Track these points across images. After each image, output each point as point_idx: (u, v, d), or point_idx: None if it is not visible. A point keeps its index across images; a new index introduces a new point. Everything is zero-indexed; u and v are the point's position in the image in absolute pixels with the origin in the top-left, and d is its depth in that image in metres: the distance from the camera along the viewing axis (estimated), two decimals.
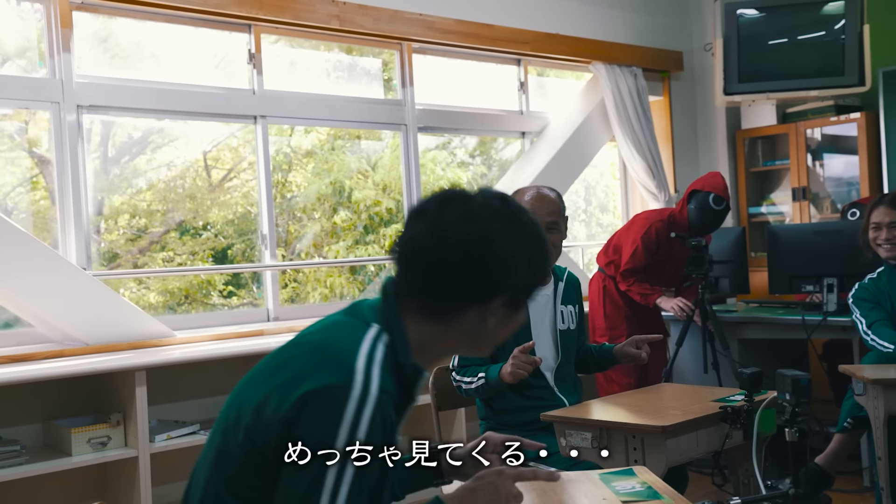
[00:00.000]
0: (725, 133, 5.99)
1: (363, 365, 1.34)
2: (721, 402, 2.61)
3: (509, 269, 1.40)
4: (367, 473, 1.32)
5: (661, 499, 1.77)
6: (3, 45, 3.89)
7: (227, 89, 4.28)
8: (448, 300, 1.42)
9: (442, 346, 1.48)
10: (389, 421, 1.35)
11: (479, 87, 5.34)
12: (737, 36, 5.37)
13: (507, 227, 1.40)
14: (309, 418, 1.31)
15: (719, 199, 4.30)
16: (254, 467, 1.37)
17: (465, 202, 1.42)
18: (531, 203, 2.90)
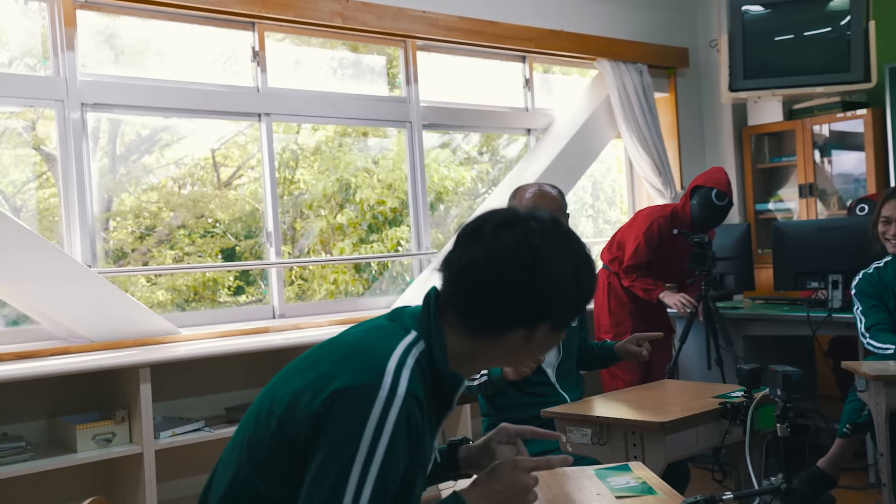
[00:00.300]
0: (732, 130, 5.98)
1: (394, 367, 1.37)
2: (721, 399, 2.61)
3: (561, 294, 1.42)
4: (391, 475, 1.34)
5: (654, 494, 1.78)
6: (8, 43, 3.92)
7: (232, 87, 4.30)
8: (496, 322, 1.44)
9: (481, 360, 1.51)
10: (415, 424, 1.37)
11: (484, 84, 5.34)
12: (742, 32, 5.36)
13: (560, 252, 1.42)
14: (337, 415, 1.34)
15: (722, 195, 4.29)
16: (284, 456, 1.40)
17: (520, 226, 1.42)
18: (533, 200, 2.91)
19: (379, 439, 1.32)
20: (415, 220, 4.92)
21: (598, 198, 6.23)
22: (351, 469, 1.31)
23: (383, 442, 1.32)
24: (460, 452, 1.72)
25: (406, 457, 1.37)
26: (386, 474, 1.33)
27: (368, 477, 1.32)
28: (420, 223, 4.91)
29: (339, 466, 1.32)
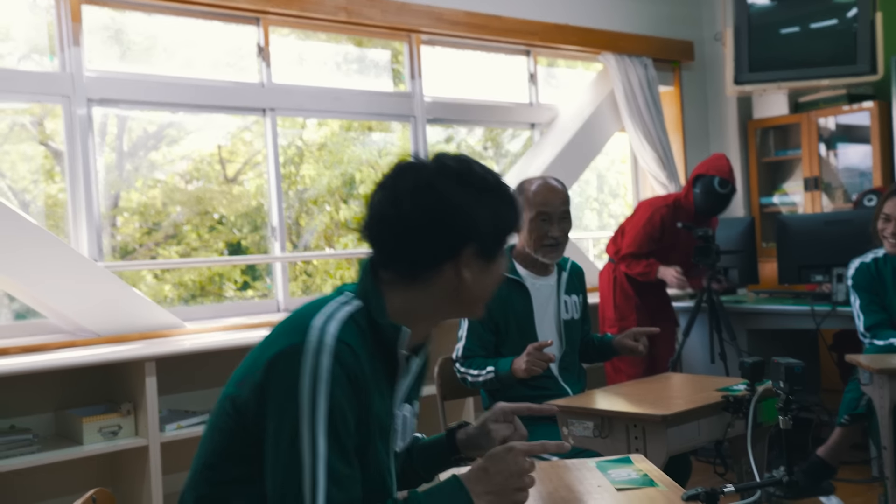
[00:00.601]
0: (737, 123, 5.97)
1: (320, 322, 1.40)
2: (723, 392, 2.62)
3: (470, 220, 1.45)
4: (341, 425, 1.35)
5: (655, 486, 1.79)
6: (15, 39, 3.93)
7: (236, 83, 4.31)
8: (420, 263, 1.47)
9: (428, 309, 1.52)
10: (352, 372, 1.38)
11: (488, 78, 5.35)
12: (747, 25, 5.35)
13: (461, 184, 1.46)
14: (275, 381, 1.37)
15: (724, 183, 4.28)
16: (244, 439, 1.42)
17: (418, 169, 1.48)
18: (543, 194, 2.90)
19: (317, 390, 1.34)
20: None
21: (602, 190, 6.23)
22: (300, 427, 1.34)
23: (322, 391, 1.34)
24: (458, 436, 1.73)
25: (352, 406, 1.38)
26: (335, 424, 1.35)
27: (318, 430, 1.34)
28: None
29: (288, 428, 1.34)
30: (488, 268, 1.51)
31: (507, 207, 1.52)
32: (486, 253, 1.49)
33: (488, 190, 1.49)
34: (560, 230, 2.89)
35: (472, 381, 2.83)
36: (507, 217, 1.52)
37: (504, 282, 2.87)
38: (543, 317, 2.93)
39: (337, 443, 1.35)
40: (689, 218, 4.37)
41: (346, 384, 1.37)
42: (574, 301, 3.02)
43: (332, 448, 1.34)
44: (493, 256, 1.51)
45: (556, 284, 2.99)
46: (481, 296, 1.54)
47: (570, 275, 3.04)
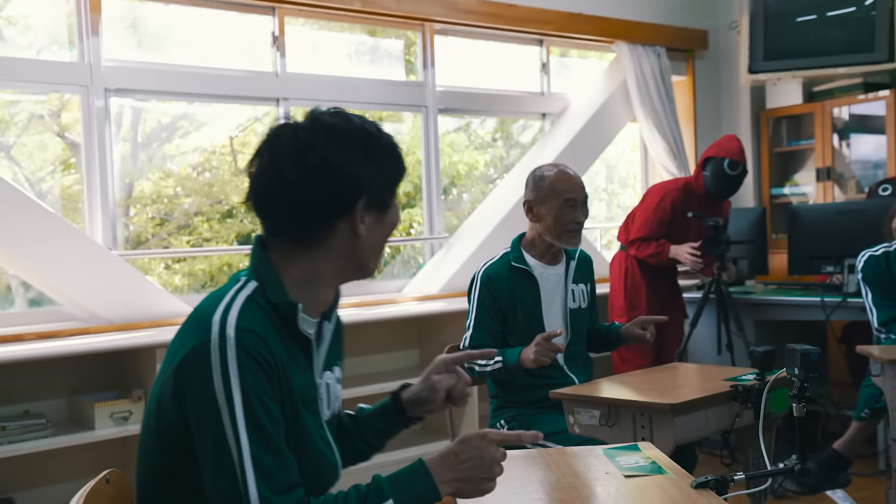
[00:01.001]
0: (749, 113, 5.94)
1: (219, 316, 1.36)
2: (732, 381, 2.62)
3: (357, 174, 1.43)
4: (262, 414, 1.34)
5: (664, 473, 1.80)
6: (35, 29, 3.96)
7: (251, 72, 4.33)
8: (313, 226, 1.44)
9: (329, 272, 1.48)
10: (262, 357, 1.36)
11: (501, 68, 5.34)
12: (763, 13, 5.32)
13: (341, 139, 1.43)
14: (188, 387, 1.35)
15: (735, 164, 4.24)
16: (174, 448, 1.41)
17: (294, 131, 1.45)
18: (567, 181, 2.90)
19: (230, 386, 1.32)
20: (427, 205, 4.94)
21: (611, 181, 6.22)
22: (221, 427, 1.32)
23: (235, 385, 1.32)
24: (404, 396, 1.71)
25: (270, 393, 1.36)
26: (255, 416, 1.33)
27: (238, 426, 1.32)
28: (433, 207, 4.93)
29: (210, 431, 1.33)
30: (382, 218, 1.49)
31: (392, 156, 1.50)
32: (378, 204, 1.47)
33: (370, 141, 1.46)
34: (584, 215, 2.91)
35: (479, 370, 2.82)
36: (393, 165, 1.49)
37: (512, 271, 2.89)
38: (550, 306, 2.93)
39: (260, 435, 1.33)
40: (700, 201, 4.33)
41: (259, 372, 1.35)
42: (582, 290, 3.02)
43: (254, 441, 1.33)
44: (385, 206, 1.49)
45: (565, 273, 2.98)
46: (378, 249, 1.51)
47: (579, 263, 3.03)
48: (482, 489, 1.45)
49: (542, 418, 2.82)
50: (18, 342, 3.45)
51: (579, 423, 2.64)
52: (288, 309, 1.43)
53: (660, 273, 4.45)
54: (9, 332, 3.51)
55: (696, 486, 1.65)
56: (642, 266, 4.44)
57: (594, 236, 5.87)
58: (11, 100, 3.94)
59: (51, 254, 3.56)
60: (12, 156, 4.08)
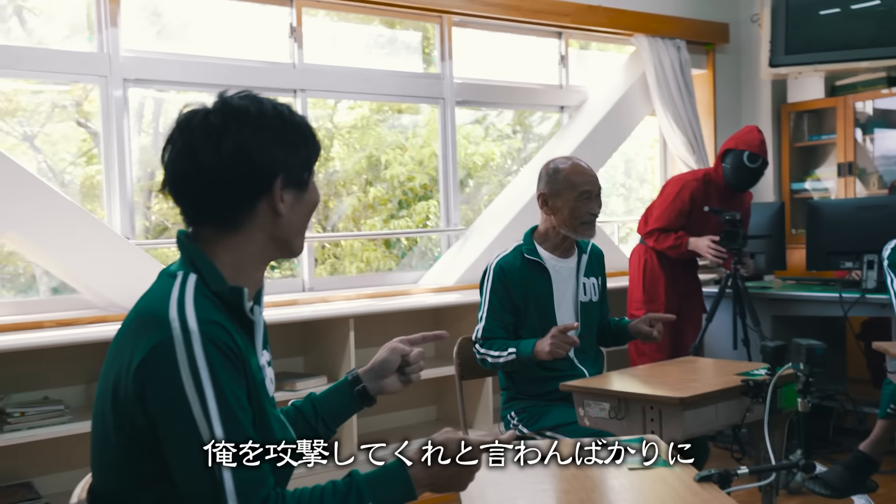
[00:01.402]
0: (770, 107, 5.89)
1: (175, 311, 1.36)
2: (743, 376, 2.61)
3: (272, 154, 1.44)
4: (233, 403, 1.34)
5: (667, 467, 1.80)
6: (56, 20, 4.01)
7: (268, 63, 4.35)
8: (234, 209, 1.45)
9: (255, 254, 1.48)
10: (227, 347, 1.36)
11: (519, 60, 5.33)
12: (784, 6, 5.27)
13: (253, 120, 1.44)
14: (152, 385, 1.33)
15: (755, 157, 4.19)
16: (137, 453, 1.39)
17: (205, 116, 1.45)
18: (582, 173, 2.90)
19: (200, 379, 1.32)
20: (444, 197, 4.95)
21: (629, 175, 6.20)
22: (195, 422, 1.32)
23: (205, 378, 1.32)
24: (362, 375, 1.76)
25: (237, 381, 1.37)
26: (227, 406, 1.33)
27: (212, 418, 1.32)
28: (450, 199, 4.94)
29: (184, 428, 1.32)
30: (301, 196, 1.50)
31: (305, 135, 1.51)
32: (297, 182, 1.48)
33: (283, 122, 1.47)
34: (599, 206, 2.93)
35: (492, 362, 2.84)
36: (307, 144, 1.51)
37: (525, 263, 2.90)
38: (562, 299, 2.93)
39: (234, 424, 1.33)
40: (720, 193, 4.30)
41: (226, 363, 1.35)
42: (593, 283, 3.02)
43: (229, 431, 1.33)
44: (304, 184, 1.50)
45: (576, 266, 2.99)
46: (300, 228, 1.52)
47: (591, 257, 3.03)
48: (460, 485, 1.47)
49: (552, 410, 2.83)
50: (38, 329, 3.51)
51: (589, 416, 2.65)
52: (232, 296, 1.44)
53: (679, 266, 4.43)
54: (29, 320, 3.56)
55: (699, 480, 1.65)
56: (661, 259, 4.41)
57: (611, 230, 5.85)
58: (35, 89, 3.99)
59: (70, 242, 3.61)
60: (36, 145, 4.14)
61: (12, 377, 3.48)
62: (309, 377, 3.93)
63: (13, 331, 3.47)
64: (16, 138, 4.07)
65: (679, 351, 4.32)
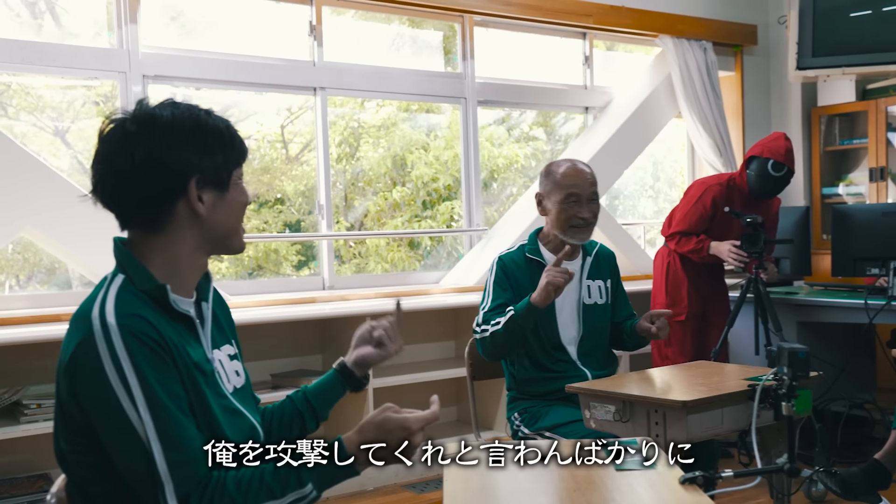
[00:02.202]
0: (800, 110, 5.79)
1: (97, 310, 1.41)
2: (751, 381, 2.56)
3: (183, 156, 1.49)
4: (161, 392, 1.39)
5: (653, 469, 1.77)
6: (77, 16, 4.07)
7: (288, 60, 4.37)
8: (152, 210, 1.50)
9: (185, 253, 1.53)
10: (149, 339, 1.41)
11: (544, 61, 5.30)
12: (812, 8, 5.17)
13: (164, 125, 1.49)
14: (80, 382, 1.40)
15: (779, 166, 4.12)
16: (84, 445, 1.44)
17: (121, 124, 1.50)
18: (572, 175, 2.86)
19: (123, 372, 1.37)
20: (466, 197, 4.93)
21: (658, 178, 6.13)
22: (124, 413, 1.37)
23: (128, 370, 1.37)
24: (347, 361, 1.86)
25: (163, 369, 1.41)
26: (153, 393, 1.38)
27: (139, 406, 1.37)
28: (472, 200, 4.92)
29: (115, 419, 1.37)
30: (223, 197, 1.54)
31: (222, 137, 1.54)
32: (213, 183, 1.53)
33: (198, 125, 1.51)
34: (589, 211, 2.86)
35: (492, 331, 2.75)
36: (224, 146, 1.54)
37: (526, 262, 2.88)
38: (565, 300, 2.88)
39: (162, 410, 1.38)
40: (744, 198, 4.24)
41: (148, 352, 1.40)
42: (599, 286, 2.97)
43: (157, 417, 1.37)
44: (223, 185, 1.54)
45: (580, 269, 2.95)
46: (231, 224, 1.57)
47: (596, 258, 2.99)
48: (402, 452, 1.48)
49: (552, 411, 2.80)
50: (55, 322, 3.55)
51: (595, 418, 2.61)
52: (158, 292, 1.49)
53: (703, 270, 4.36)
54: (45, 313, 3.61)
55: (682, 482, 1.62)
56: (685, 262, 4.35)
57: (637, 233, 5.79)
58: (65, 85, 4.05)
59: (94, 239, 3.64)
60: (67, 140, 4.20)
61: (30, 370, 3.53)
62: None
63: (31, 323, 3.52)
64: (48, 133, 4.15)
65: (702, 356, 4.26)
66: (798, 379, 1.92)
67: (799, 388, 2.42)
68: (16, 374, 3.51)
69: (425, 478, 4.05)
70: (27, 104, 4.09)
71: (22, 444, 3.41)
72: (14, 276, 4.13)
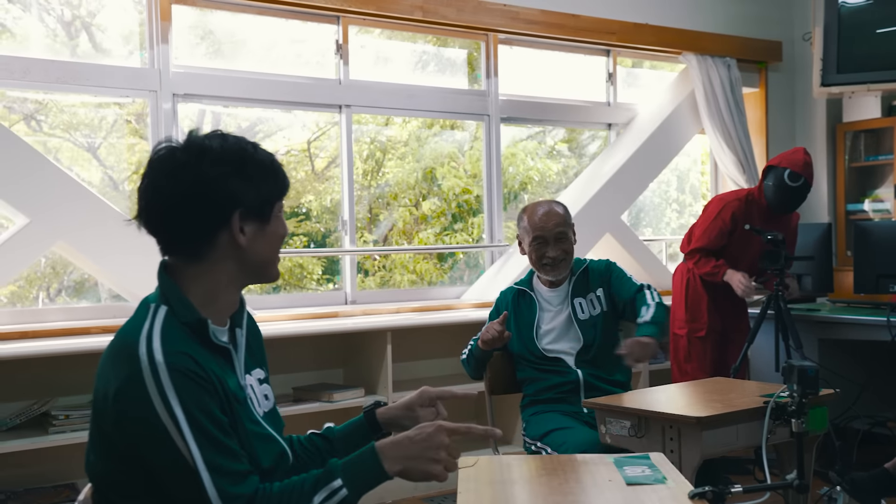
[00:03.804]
0: (825, 126, 5.78)
1: (144, 346, 1.46)
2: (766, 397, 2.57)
3: (229, 188, 1.53)
4: (206, 423, 1.45)
5: (664, 483, 1.79)
6: (110, 36, 4.18)
7: (314, 79, 4.45)
8: (194, 239, 1.54)
9: (223, 282, 1.58)
10: (194, 373, 1.46)
11: (567, 78, 5.34)
12: (837, 25, 5.17)
13: (213, 157, 1.53)
14: (129, 418, 1.46)
15: (795, 176, 4.11)
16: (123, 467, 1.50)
17: (172, 152, 1.55)
18: (537, 219, 3.15)
19: (170, 406, 1.43)
20: (488, 213, 4.98)
21: (683, 191, 6.14)
22: (174, 443, 1.43)
23: (175, 405, 1.43)
24: (379, 415, 1.81)
25: (206, 401, 1.46)
26: (200, 424, 1.44)
27: (187, 438, 1.43)
28: (494, 216, 4.96)
29: (166, 450, 1.44)
30: (263, 229, 1.58)
31: (267, 171, 1.59)
32: (256, 215, 1.57)
33: (245, 158, 1.56)
34: (557, 249, 3.12)
35: (464, 359, 3.24)
36: (268, 179, 1.59)
37: (516, 294, 3.22)
38: (552, 322, 3.15)
39: (208, 440, 1.45)
40: (763, 214, 4.23)
41: (194, 387, 1.46)
42: (591, 299, 3.17)
43: (204, 447, 1.44)
44: (265, 217, 1.59)
45: (567, 290, 3.18)
46: (267, 257, 1.61)
47: (581, 277, 3.20)
48: (429, 471, 1.52)
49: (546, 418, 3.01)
50: (85, 335, 3.64)
51: (610, 434, 2.65)
52: (199, 325, 1.54)
53: (722, 286, 4.36)
54: (76, 326, 3.70)
55: (692, 497, 1.64)
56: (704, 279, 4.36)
57: (659, 248, 5.80)
58: (98, 102, 4.15)
59: (120, 253, 3.73)
60: (99, 156, 4.31)
61: (60, 381, 3.62)
62: (346, 388, 3.99)
63: (61, 336, 3.60)
64: (80, 149, 4.25)
65: (721, 372, 4.25)
66: (807, 396, 1.94)
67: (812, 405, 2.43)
68: (46, 386, 3.59)
69: (443, 491, 4.09)
70: (60, 121, 4.20)
71: (49, 455, 3.48)
72: (45, 290, 4.23)
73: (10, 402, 3.48)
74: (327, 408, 3.82)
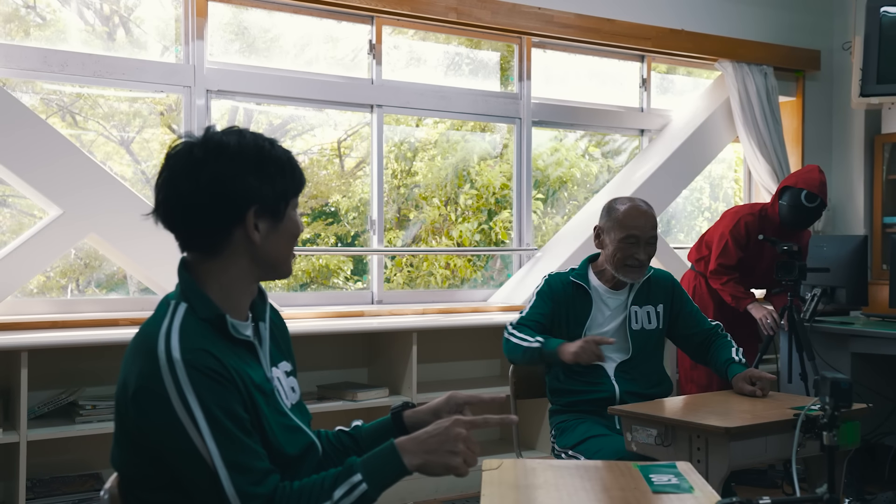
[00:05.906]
0: (863, 137, 5.69)
1: (163, 344, 1.46)
2: (797, 410, 2.52)
3: (244, 185, 1.53)
4: (224, 418, 1.45)
5: (691, 493, 1.76)
6: (147, 31, 4.21)
7: (347, 78, 4.46)
8: (209, 235, 1.55)
9: (239, 277, 1.58)
10: (211, 370, 1.46)
11: (599, 82, 5.31)
12: (878, 34, 5.09)
13: (230, 153, 1.54)
14: (148, 415, 1.46)
15: (812, 196, 4.10)
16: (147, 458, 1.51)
17: (189, 148, 1.55)
18: (634, 216, 2.91)
19: (188, 403, 1.43)
20: (517, 216, 4.95)
21: (716, 198, 6.07)
22: (192, 441, 1.43)
23: (193, 402, 1.43)
24: (406, 418, 1.79)
25: (225, 397, 1.46)
26: (218, 421, 1.44)
27: (205, 435, 1.44)
28: (523, 220, 4.94)
29: (184, 447, 1.44)
30: (277, 226, 1.59)
31: (283, 168, 1.58)
32: (270, 212, 1.57)
33: (262, 156, 1.56)
34: (646, 253, 2.93)
35: (515, 342, 2.90)
36: (284, 177, 1.58)
37: (570, 285, 2.99)
38: (604, 326, 2.96)
39: (227, 438, 1.45)
40: (775, 229, 4.22)
41: (212, 384, 1.45)
42: (649, 311, 3.00)
43: (222, 445, 1.44)
44: (279, 215, 1.59)
45: (627, 295, 3.00)
46: (281, 252, 1.60)
47: (645, 285, 3.02)
48: (448, 464, 1.52)
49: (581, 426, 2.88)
50: (113, 326, 3.67)
51: (637, 442, 2.61)
52: (219, 321, 1.54)
53: None
54: (104, 317, 3.73)
55: None
56: (710, 286, 4.34)
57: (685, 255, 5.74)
58: (132, 96, 4.19)
59: (150, 247, 3.76)
60: (132, 150, 4.35)
61: (87, 372, 3.65)
62: (371, 388, 3.98)
63: (91, 327, 3.63)
64: (114, 142, 4.29)
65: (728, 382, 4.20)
66: (840, 409, 1.89)
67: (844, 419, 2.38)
68: (73, 376, 3.62)
69: (465, 494, 4.06)
70: (95, 114, 4.24)
71: (76, 444, 3.51)
72: (74, 281, 4.27)
73: (39, 390, 3.51)
74: (350, 406, 3.82)
